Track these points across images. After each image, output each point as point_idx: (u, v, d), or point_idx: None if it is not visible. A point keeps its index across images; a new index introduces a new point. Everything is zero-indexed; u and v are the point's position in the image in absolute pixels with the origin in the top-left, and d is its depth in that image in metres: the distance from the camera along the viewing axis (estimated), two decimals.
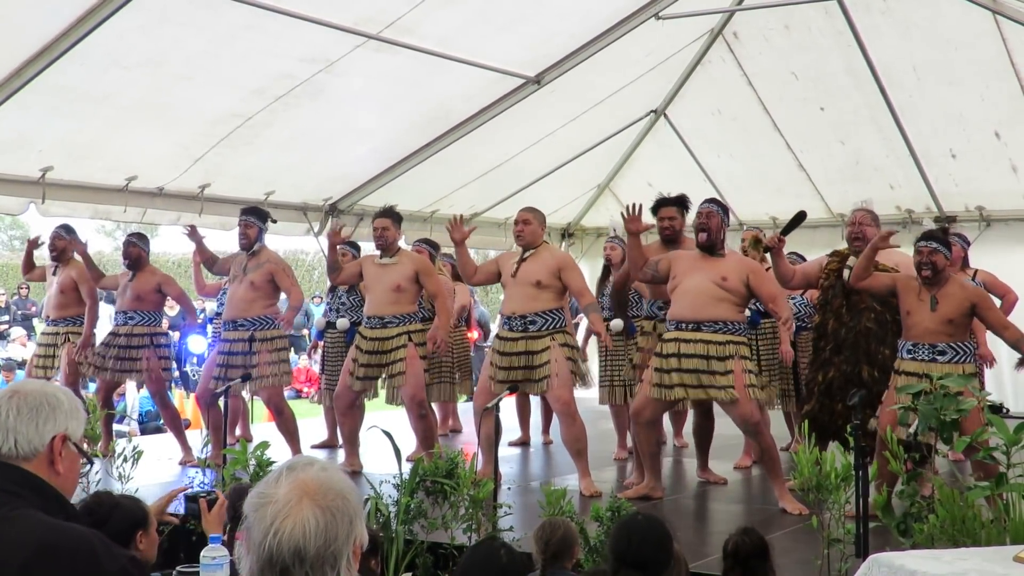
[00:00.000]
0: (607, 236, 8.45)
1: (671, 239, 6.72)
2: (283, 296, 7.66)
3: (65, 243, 8.12)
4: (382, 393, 7.49)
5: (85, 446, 2.28)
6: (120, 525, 3.29)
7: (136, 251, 7.95)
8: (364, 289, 7.47)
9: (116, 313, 8.15)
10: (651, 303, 6.93)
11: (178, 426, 8.08)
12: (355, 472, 7.06)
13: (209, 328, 9.53)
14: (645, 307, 7.15)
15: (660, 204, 6.76)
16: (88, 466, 5.48)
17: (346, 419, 7.37)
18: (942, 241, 5.65)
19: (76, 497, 5.27)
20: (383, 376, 7.28)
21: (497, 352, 6.69)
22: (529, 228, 6.67)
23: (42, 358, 8.18)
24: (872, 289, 5.88)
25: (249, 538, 1.70)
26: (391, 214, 7.32)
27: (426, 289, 7.28)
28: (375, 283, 7.21)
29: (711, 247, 6.22)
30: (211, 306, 12.97)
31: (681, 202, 6.75)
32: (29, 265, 8.57)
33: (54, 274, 8.23)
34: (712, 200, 6.46)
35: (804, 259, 8.04)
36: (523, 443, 8.76)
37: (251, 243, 7.49)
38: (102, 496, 3.49)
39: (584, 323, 8.53)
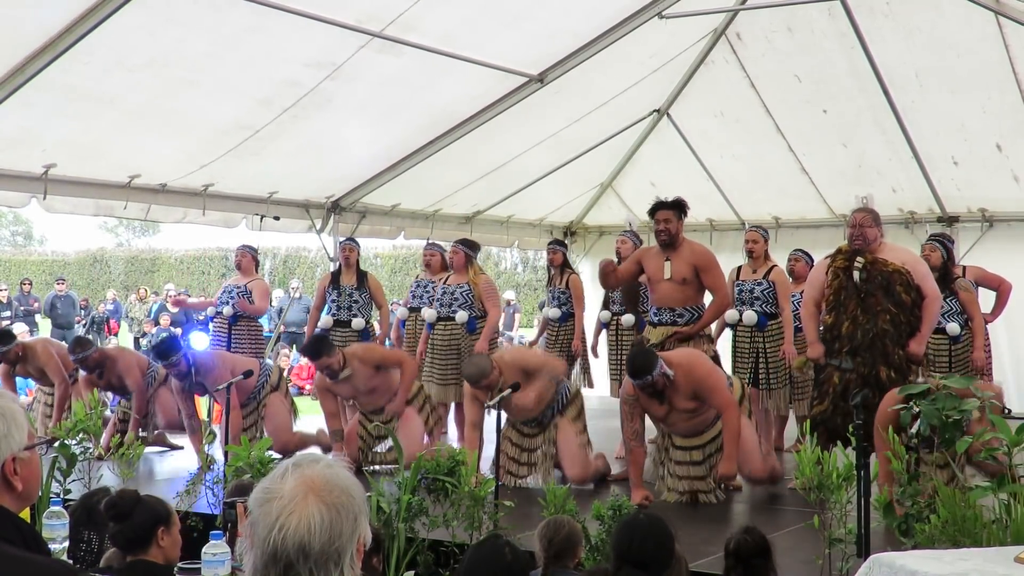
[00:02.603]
0: (621, 231, 8.55)
1: (668, 243, 6.67)
2: None
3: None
4: None
5: (35, 438, 2.18)
6: (141, 522, 3.34)
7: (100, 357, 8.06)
8: None
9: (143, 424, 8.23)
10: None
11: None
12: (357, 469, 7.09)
13: (211, 326, 9.52)
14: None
15: (657, 207, 6.71)
16: (47, 446, 5.56)
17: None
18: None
19: (76, 492, 5.30)
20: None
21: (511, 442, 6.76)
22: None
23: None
24: None
25: (253, 533, 1.70)
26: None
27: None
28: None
29: None
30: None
31: (678, 205, 6.70)
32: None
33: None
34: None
35: (810, 256, 8.03)
36: None
37: None
38: (125, 493, 3.52)
39: (599, 316, 8.56)
